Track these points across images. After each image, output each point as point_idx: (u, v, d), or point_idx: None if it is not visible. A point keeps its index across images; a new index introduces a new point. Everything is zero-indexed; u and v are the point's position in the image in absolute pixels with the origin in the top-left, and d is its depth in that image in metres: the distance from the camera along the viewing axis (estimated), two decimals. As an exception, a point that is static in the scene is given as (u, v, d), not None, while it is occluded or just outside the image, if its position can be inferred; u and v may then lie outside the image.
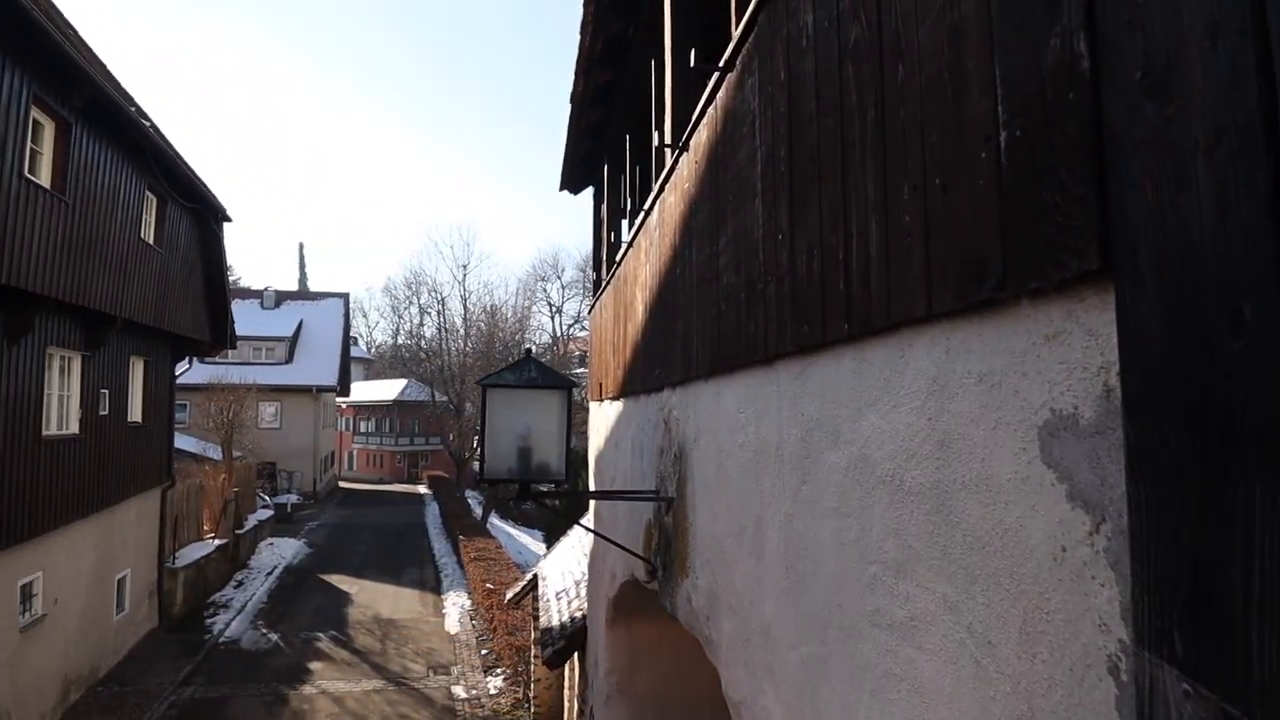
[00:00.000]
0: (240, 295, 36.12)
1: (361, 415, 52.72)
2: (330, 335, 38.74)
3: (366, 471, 51.66)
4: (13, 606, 9.81)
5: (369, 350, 62.61)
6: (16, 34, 7.86)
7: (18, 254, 8.49)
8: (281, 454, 33.84)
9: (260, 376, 32.49)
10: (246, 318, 28.53)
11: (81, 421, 11.36)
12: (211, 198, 14.59)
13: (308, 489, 34.82)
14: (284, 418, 35.09)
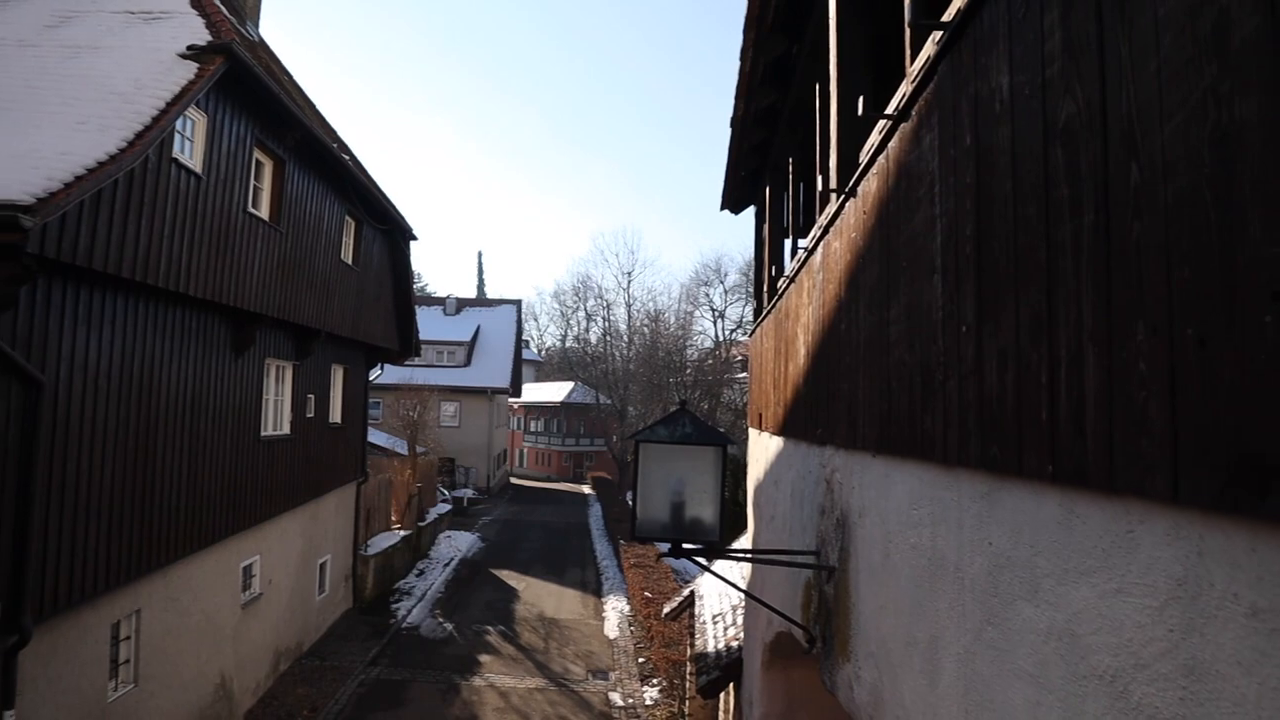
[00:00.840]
0: (424, 303, 39.20)
1: (532, 415, 55.46)
2: (504, 340, 41.04)
3: (535, 469, 54.26)
4: (236, 586, 11.16)
5: (539, 353, 65.70)
6: (243, 88, 8.90)
7: (243, 279, 9.64)
8: (459, 451, 36.30)
9: (441, 378, 35.06)
10: (430, 324, 30.90)
11: (292, 423, 12.72)
12: (400, 219, 15.85)
13: (482, 484, 37.08)
14: (462, 417, 37.60)
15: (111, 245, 6.82)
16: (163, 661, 9.01)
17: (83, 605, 7.36)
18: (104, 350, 7.37)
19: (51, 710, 7.01)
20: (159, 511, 8.55)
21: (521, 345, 44.32)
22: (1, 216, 5.15)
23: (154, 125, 6.73)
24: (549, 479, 51.45)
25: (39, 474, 6.43)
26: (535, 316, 71.78)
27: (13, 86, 7.07)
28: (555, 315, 66.44)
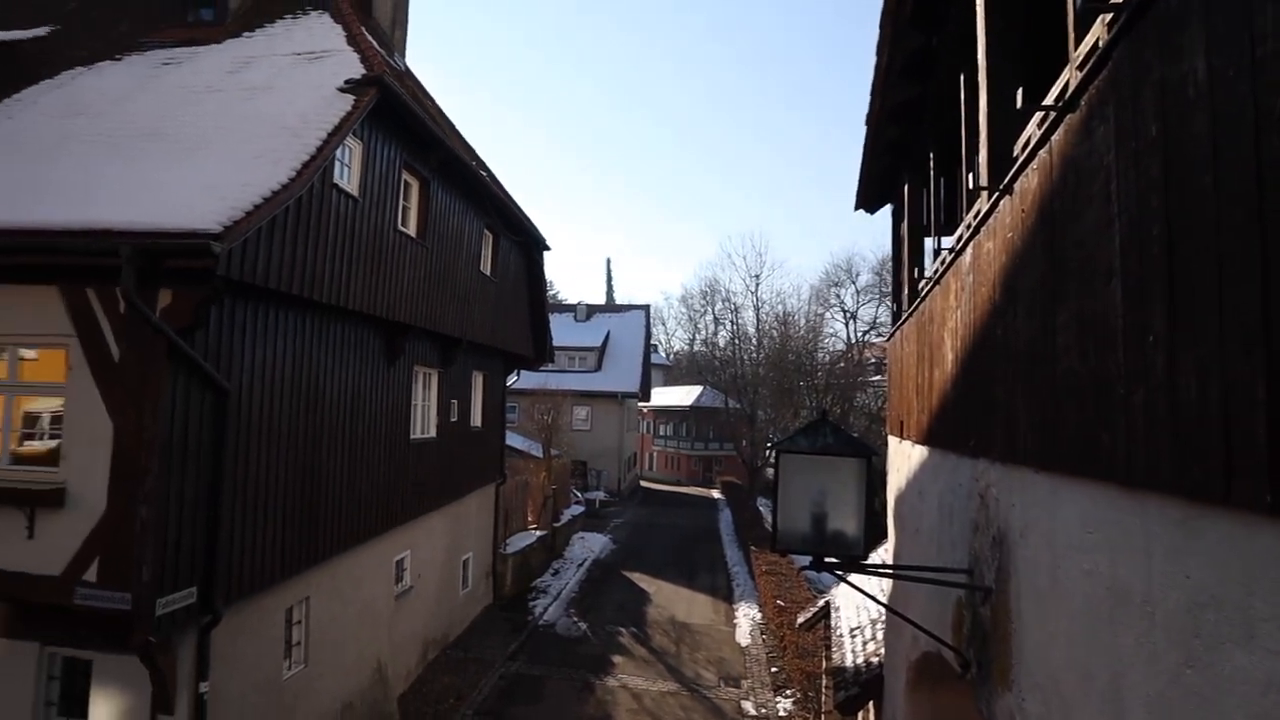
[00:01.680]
0: (556, 310, 40.47)
1: (661, 419, 55.97)
2: (633, 344, 41.67)
3: (664, 472, 54.68)
4: (390, 579, 11.97)
5: (667, 357, 66.20)
6: (393, 116, 9.55)
7: (395, 293, 10.34)
8: (591, 453, 37.20)
9: (574, 383, 36.07)
10: (562, 330, 31.86)
11: (438, 426, 13.49)
12: (534, 230, 16.45)
13: (613, 487, 37.80)
14: (593, 420, 38.50)
15: (283, 266, 7.52)
16: (329, 645, 9.79)
17: (262, 591, 8.13)
18: (277, 361, 8.13)
19: (238, 683, 7.78)
20: (324, 508, 9.31)
21: (650, 350, 44.87)
22: (196, 244, 5.80)
23: (318, 155, 7.34)
24: (678, 482, 51.69)
25: (226, 473, 7.18)
26: (663, 321, 72.45)
27: (202, 126, 7.95)
28: (683, 319, 66.83)
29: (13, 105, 8.91)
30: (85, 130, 8.11)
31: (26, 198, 6.66)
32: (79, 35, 11.01)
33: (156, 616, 6.36)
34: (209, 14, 10.79)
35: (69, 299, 6.50)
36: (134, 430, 6.29)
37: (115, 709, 6.92)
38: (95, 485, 6.38)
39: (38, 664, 7.15)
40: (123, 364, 6.37)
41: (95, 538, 6.31)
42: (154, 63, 9.77)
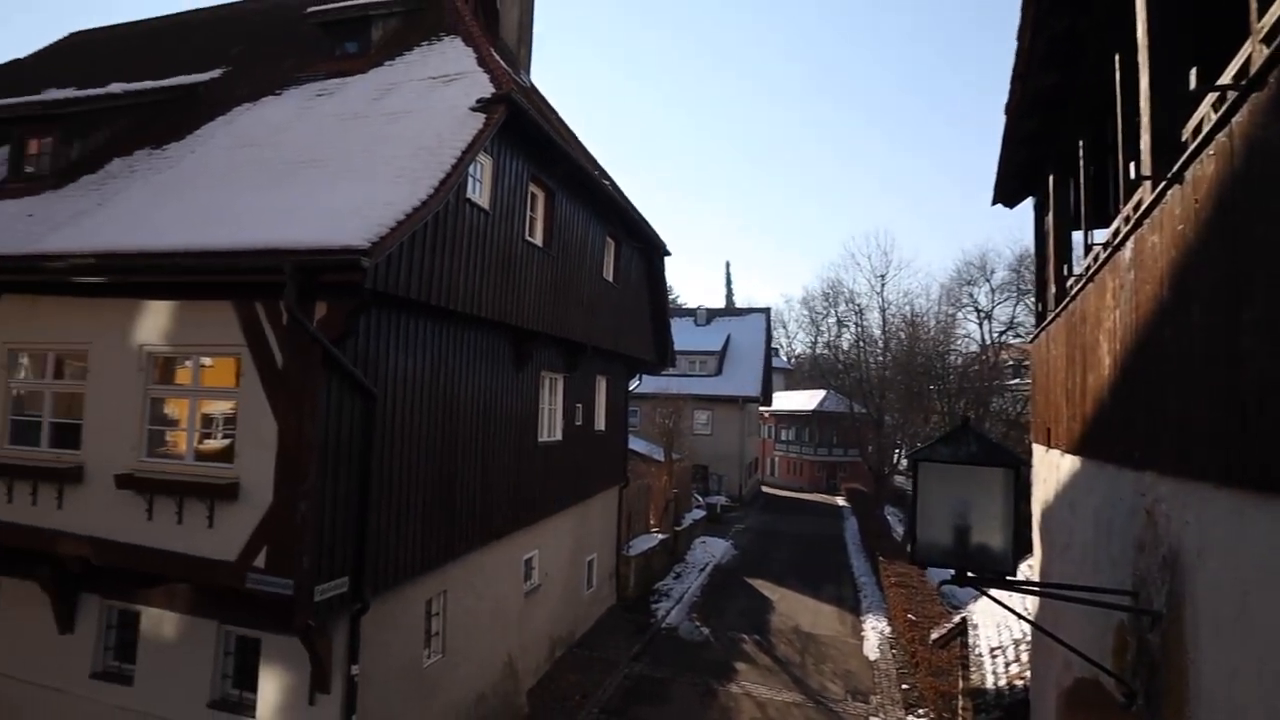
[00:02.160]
0: (676, 314, 40.69)
1: (782, 424, 55.01)
2: (754, 348, 41.21)
3: (786, 478, 53.69)
4: (519, 576, 12.42)
5: (788, 360, 65.00)
6: (520, 131, 9.94)
7: (522, 300, 10.75)
8: (711, 458, 37.07)
9: (694, 387, 36.11)
10: (682, 334, 32.00)
11: (563, 430, 13.88)
12: (654, 236, 16.61)
13: (734, 492, 37.50)
14: (714, 425, 38.37)
15: (422, 277, 7.99)
16: (463, 638, 10.28)
17: (404, 583, 8.65)
18: (417, 367, 8.64)
19: (384, 668, 8.31)
20: (459, 507, 9.80)
21: (771, 353, 44.20)
22: (347, 260, 6.27)
23: (453, 172, 7.76)
24: (800, 489, 50.61)
25: (373, 472, 7.70)
26: (784, 324, 71.24)
27: (351, 151, 8.59)
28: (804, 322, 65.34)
29: (193, 140, 9.97)
30: (252, 159, 8.95)
31: (207, 223, 7.43)
32: (245, 75, 12.18)
33: (315, 602, 6.90)
34: (354, 47, 11.62)
35: (241, 312, 7.20)
36: (295, 431, 6.87)
37: (280, 684, 7.58)
38: (263, 481, 7.01)
39: (216, 640, 7.95)
40: (286, 371, 6.97)
41: (263, 529, 6.94)
42: (309, 95, 10.65)
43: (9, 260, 7.79)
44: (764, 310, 45.25)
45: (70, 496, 7.89)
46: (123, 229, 7.74)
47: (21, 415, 8.46)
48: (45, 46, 18.41)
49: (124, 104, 10.76)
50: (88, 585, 8.45)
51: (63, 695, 8.52)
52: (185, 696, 7.94)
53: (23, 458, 8.19)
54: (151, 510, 7.44)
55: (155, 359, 7.75)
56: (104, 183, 9.27)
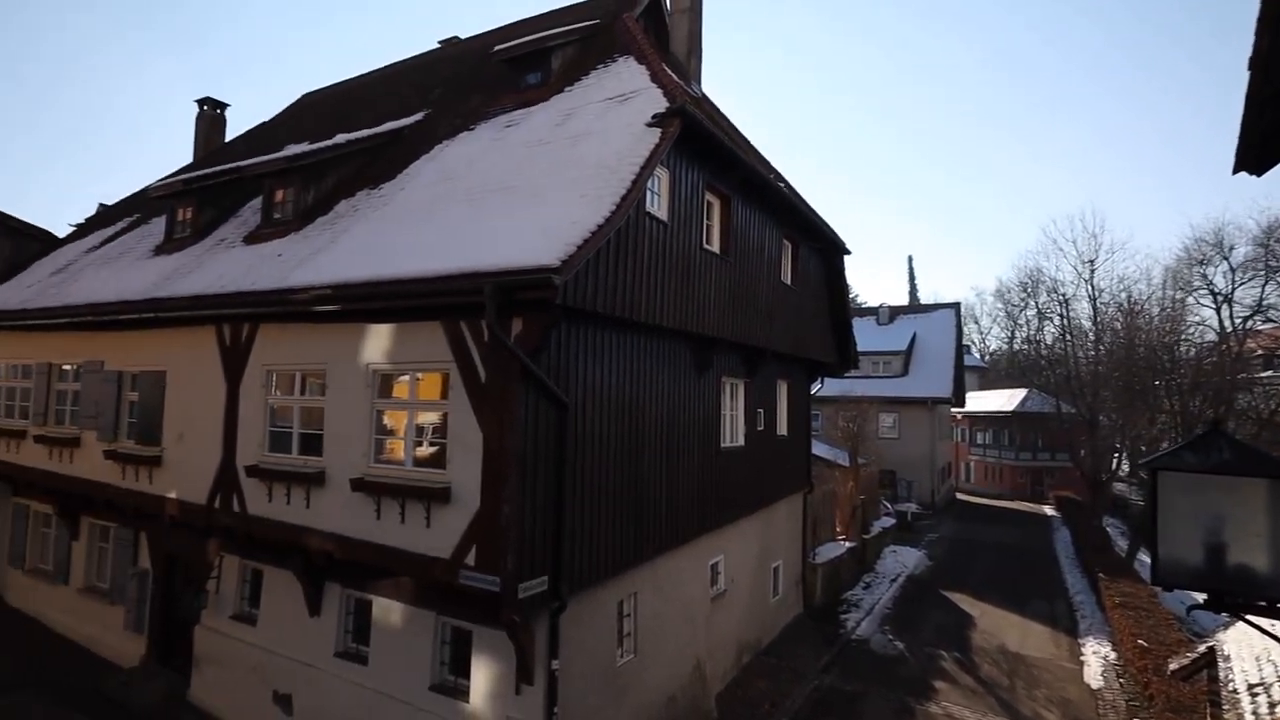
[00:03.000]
0: (858, 314, 39.23)
1: (977, 426, 51.21)
2: (942, 346, 38.78)
3: (983, 485, 49.88)
4: (706, 581, 12.53)
5: (982, 358, 60.48)
6: (695, 141, 10.09)
7: (702, 308, 10.89)
8: (899, 463, 35.29)
9: (878, 389, 34.63)
10: (864, 334, 30.77)
11: (745, 435, 13.84)
12: (833, 235, 16.14)
13: (925, 499, 35.42)
14: (901, 428, 36.50)
15: (607, 290, 8.34)
16: (653, 639, 10.54)
17: (597, 585, 9.04)
18: (604, 376, 9.02)
19: (580, 665, 8.73)
20: (646, 511, 10.08)
21: (962, 351, 41.34)
22: (540, 278, 6.70)
23: (633, 188, 8.03)
24: (1000, 496, 46.82)
25: (567, 477, 8.13)
26: (976, 319, 66.48)
27: (538, 175, 9.15)
28: (999, 316, 60.52)
29: (403, 178, 11.10)
30: (452, 191, 9.81)
31: (416, 252, 8.25)
32: (443, 115, 13.37)
33: (519, 599, 7.40)
34: (536, 78, 12.39)
35: (448, 331, 7.91)
36: (497, 439, 7.44)
37: (489, 674, 8.20)
38: (471, 485, 7.65)
39: (434, 629, 8.75)
40: (488, 383, 7.57)
41: (473, 529, 7.56)
42: (498, 127, 11.50)
43: (265, 295, 9.10)
44: (953, 305, 42.45)
45: (315, 497, 9.06)
46: (350, 263, 8.78)
47: (276, 426, 9.84)
48: (284, 109, 21.35)
49: (346, 152, 12.21)
50: (331, 575, 9.64)
51: (314, 669, 9.77)
52: (410, 678, 8.81)
53: (279, 463, 9.52)
54: (379, 510, 8.36)
55: (379, 375, 8.71)
56: (334, 222, 10.57)
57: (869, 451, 27.46)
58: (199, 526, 10.83)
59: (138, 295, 11.27)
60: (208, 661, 11.13)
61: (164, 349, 11.51)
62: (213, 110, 21.61)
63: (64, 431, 13.24)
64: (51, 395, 13.78)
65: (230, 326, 10.44)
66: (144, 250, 13.93)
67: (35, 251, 17.32)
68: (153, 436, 11.49)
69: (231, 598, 10.97)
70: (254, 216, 12.49)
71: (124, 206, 19.10)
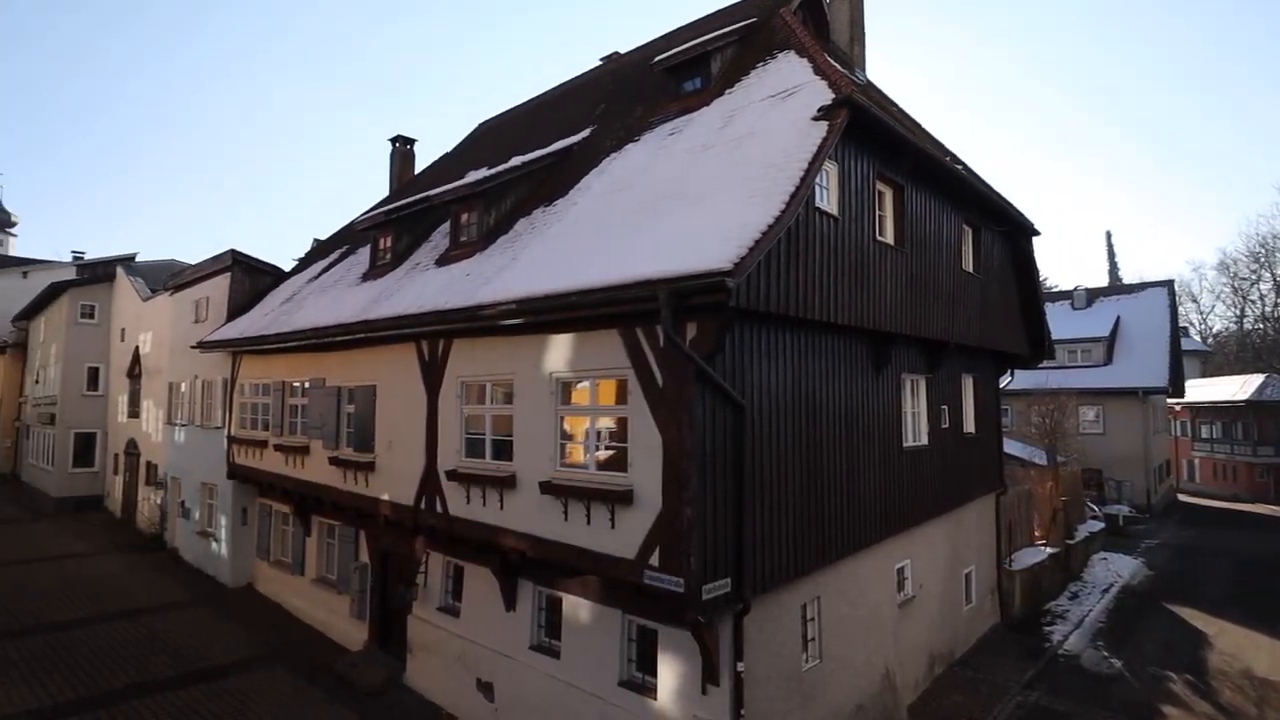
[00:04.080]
0: (1050, 299, 35.93)
1: (1202, 419, 45.13)
2: (1154, 330, 34.63)
3: (1212, 485, 43.87)
4: (891, 586, 12.01)
5: (1204, 341, 53.32)
6: (863, 130, 9.73)
7: (877, 303, 10.47)
8: (1106, 461, 31.87)
9: (1077, 380, 31.53)
10: (1059, 321, 28.18)
11: (929, 434, 13.13)
12: (1019, 217, 14.93)
13: (1140, 501, 31.75)
14: (1106, 422, 32.97)
15: (779, 290, 8.24)
16: (839, 645, 10.25)
17: (779, 587, 8.94)
18: (779, 377, 8.92)
19: (765, 667, 8.67)
20: (827, 513, 9.84)
21: (1178, 333, 36.61)
22: (713, 282, 6.75)
23: (801, 185, 7.88)
24: (1234, 497, 40.99)
25: (746, 479, 8.11)
26: (1193, 297, 58.80)
27: (703, 180, 9.23)
28: (1223, 293, 53.05)
29: (575, 194, 11.61)
30: (622, 202, 10.12)
31: (591, 263, 8.59)
32: (609, 129, 13.83)
33: (702, 600, 7.48)
34: (697, 83, 12.50)
35: (625, 338, 8.17)
36: (676, 442, 7.56)
37: (675, 673, 8.35)
38: (651, 488, 7.83)
39: (621, 627, 9.05)
40: (665, 388, 7.73)
41: (655, 531, 7.74)
42: (662, 135, 11.72)
43: (457, 312, 9.86)
44: (1164, 284, 37.78)
45: (508, 500, 9.68)
46: (530, 277, 9.31)
47: (470, 434, 10.62)
48: (464, 138, 23.05)
49: (521, 173, 12.97)
50: (524, 573, 10.26)
51: (512, 661, 10.43)
52: (599, 673, 9.17)
53: (474, 468, 10.27)
54: (567, 512, 8.78)
55: (561, 383, 9.16)
56: (514, 240, 11.26)
57: (1069, 449, 25.09)
58: (408, 525, 11.92)
59: (350, 318, 12.61)
60: (419, 648, 12.22)
61: (374, 365, 12.81)
62: (403, 146, 23.78)
63: (296, 441, 15.08)
64: (286, 409, 15.74)
65: (428, 342, 11.42)
66: (353, 278, 15.58)
67: (268, 284, 19.87)
68: (367, 444, 12.81)
69: (437, 591, 11.98)
70: (443, 240, 13.58)
71: (334, 240, 21.47)
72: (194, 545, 20.18)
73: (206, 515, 19.75)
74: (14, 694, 11.72)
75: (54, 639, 14.25)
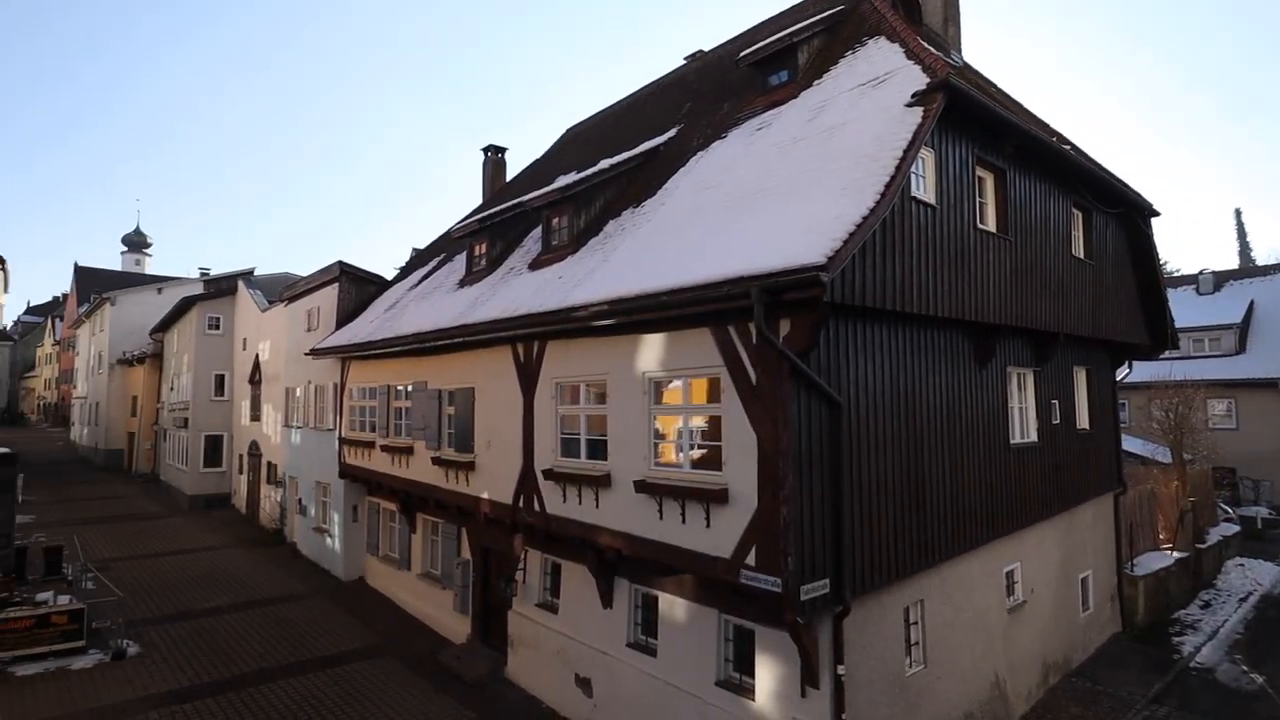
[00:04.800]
0: (1170, 283, 33.44)
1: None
2: (1295, 314, 31.67)
3: (1370, 484, 39.64)
4: (1000, 590, 11.47)
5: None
6: (960, 114, 9.34)
7: (980, 293, 10.02)
8: (1240, 458, 29.33)
9: (1205, 370, 29.16)
10: (1182, 308, 26.20)
11: (1038, 430, 12.46)
12: (1135, 197, 13.97)
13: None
14: (1239, 416, 30.36)
15: (875, 284, 8.01)
16: (944, 650, 9.88)
17: (881, 589, 8.70)
18: (876, 372, 8.67)
19: (867, 672, 8.45)
20: (929, 514, 9.49)
21: (1326, 318, 33.25)
22: (807, 278, 6.63)
23: (896, 174, 7.64)
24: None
25: (843, 478, 7.93)
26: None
27: (795, 174, 9.08)
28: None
29: (663, 194, 11.65)
30: (711, 200, 10.09)
31: (682, 262, 8.60)
32: (695, 127, 13.81)
33: (800, 601, 7.37)
34: (784, 76, 12.30)
35: (717, 336, 8.14)
36: (772, 440, 7.48)
37: (773, 674, 8.25)
38: (747, 486, 7.77)
39: (717, 627, 9.02)
40: (759, 386, 7.65)
41: (751, 530, 7.68)
42: (749, 131, 11.60)
43: (551, 314, 10.08)
44: (1307, 263, 34.44)
45: (604, 498, 9.81)
46: (621, 278, 9.40)
47: (565, 434, 10.82)
48: (552, 145, 23.53)
49: (610, 175, 13.12)
50: (620, 571, 10.37)
51: (609, 658, 10.57)
52: (697, 672, 9.16)
53: (570, 467, 10.47)
54: (661, 511, 8.82)
55: (654, 382, 9.21)
56: (604, 242, 11.40)
57: (1197, 446, 23.19)
58: (506, 523, 12.27)
59: (449, 323, 13.09)
60: (519, 643, 12.56)
61: (472, 368, 13.25)
62: (495, 155, 24.49)
63: (401, 442, 15.78)
64: (391, 411, 16.50)
65: (523, 345, 11.72)
66: (451, 284, 16.16)
67: (372, 293, 20.88)
68: (467, 444, 13.26)
69: (536, 587, 12.28)
70: (535, 245, 13.90)
71: (432, 249, 22.34)
72: (310, 540, 21.43)
73: (321, 512, 20.94)
74: (158, 675, 12.78)
75: (194, 625, 15.47)
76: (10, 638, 13.04)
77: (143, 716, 11.20)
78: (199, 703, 11.70)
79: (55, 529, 24.13)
